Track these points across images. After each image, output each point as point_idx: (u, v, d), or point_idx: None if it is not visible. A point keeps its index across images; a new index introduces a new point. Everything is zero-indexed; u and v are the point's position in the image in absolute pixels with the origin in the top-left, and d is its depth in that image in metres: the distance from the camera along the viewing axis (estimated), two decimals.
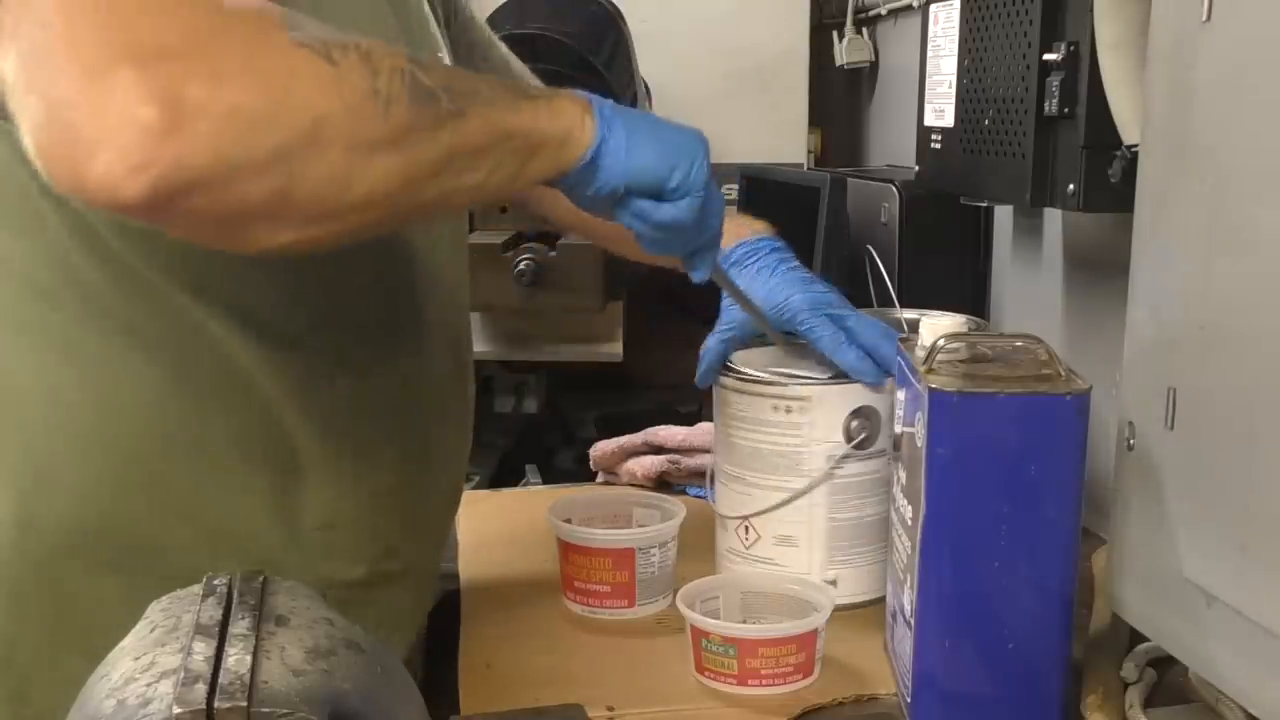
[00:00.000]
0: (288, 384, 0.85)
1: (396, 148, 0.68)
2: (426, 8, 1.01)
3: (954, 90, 1.27)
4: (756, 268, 1.10)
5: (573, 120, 0.79)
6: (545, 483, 1.84)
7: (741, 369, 1.08)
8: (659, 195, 0.82)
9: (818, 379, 1.06)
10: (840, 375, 1.06)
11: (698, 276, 0.92)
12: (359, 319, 0.89)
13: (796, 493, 1.05)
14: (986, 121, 1.20)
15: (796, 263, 1.11)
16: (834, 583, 1.05)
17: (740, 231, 1.15)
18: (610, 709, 0.91)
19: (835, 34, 2.25)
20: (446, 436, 1.00)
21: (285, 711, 0.50)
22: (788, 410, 1.05)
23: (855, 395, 1.05)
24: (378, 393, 0.90)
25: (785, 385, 1.06)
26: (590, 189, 0.81)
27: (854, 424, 1.04)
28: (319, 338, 0.87)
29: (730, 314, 1.10)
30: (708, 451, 1.38)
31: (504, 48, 1.18)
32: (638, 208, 0.83)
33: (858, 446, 1.04)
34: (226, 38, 0.63)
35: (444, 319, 0.97)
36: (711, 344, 1.10)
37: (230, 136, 0.61)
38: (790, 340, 1.10)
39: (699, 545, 1.14)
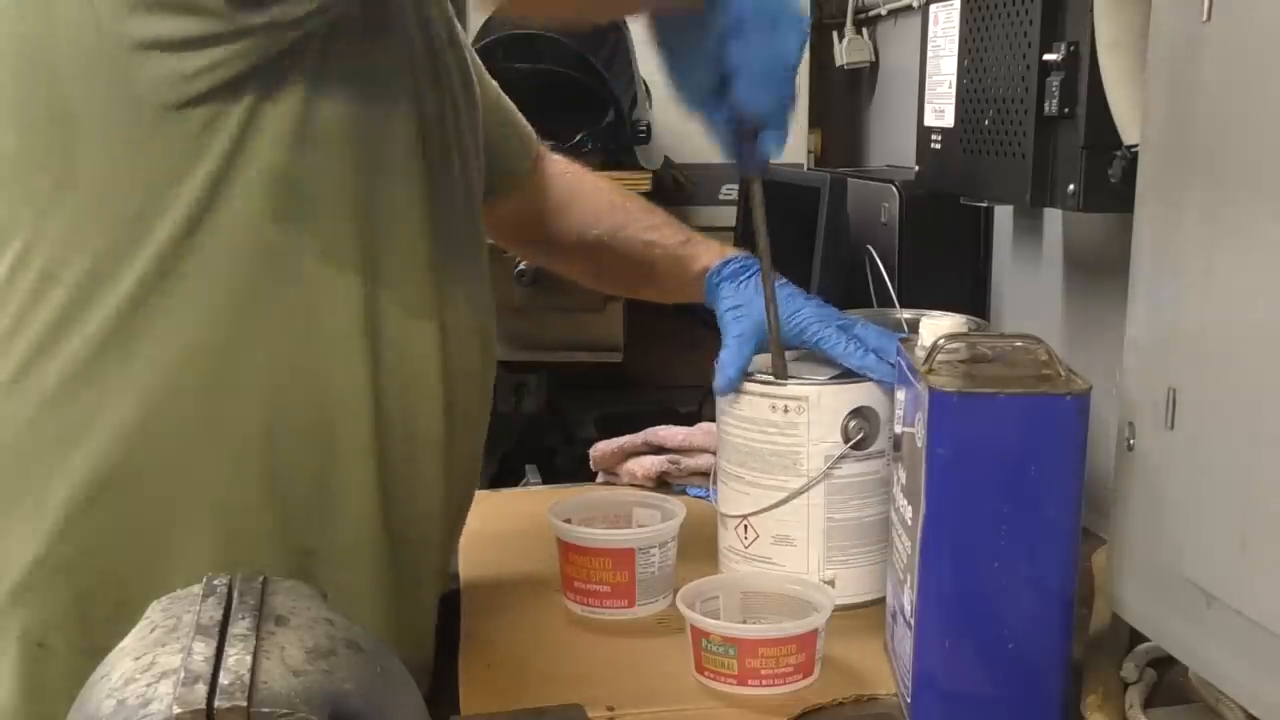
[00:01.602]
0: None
1: None
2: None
3: (954, 90, 1.27)
4: (754, 283, 1.11)
5: None
6: (545, 483, 1.84)
7: (768, 373, 1.09)
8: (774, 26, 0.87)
9: (815, 380, 1.06)
10: (841, 375, 1.06)
11: (760, 159, 0.95)
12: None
13: (794, 492, 1.06)
14: (986, 121, 1.20)
15: (785, 280, 1.12)
16: (832, 583, 1.05)
17: (724, 250, 1.17)
18: (610, 709, 0.91)
19: (835, 34, 2.25)
20: (472, 441, 1.01)
21: (285, 711, 0.50)
22: (785, 410, 1.05)
23: (853, 395, 1.05)
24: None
25: (783, 385, 1.06)
26: None
27: (851, 424, 1.04)
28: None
29: (740, 324, 1.10)
30: (708, 451, 1.38)
31: (484, 72, 1.19)
32: (751, 31, 0.87)
33: (855, 446, 1.04)
34: None
35: (458, 314, 0.97)
36: (731, 352, 1.09)
37: None
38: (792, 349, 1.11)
39: (699, 545, 1.14)
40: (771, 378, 1.06)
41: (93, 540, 0.85)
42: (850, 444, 1.04)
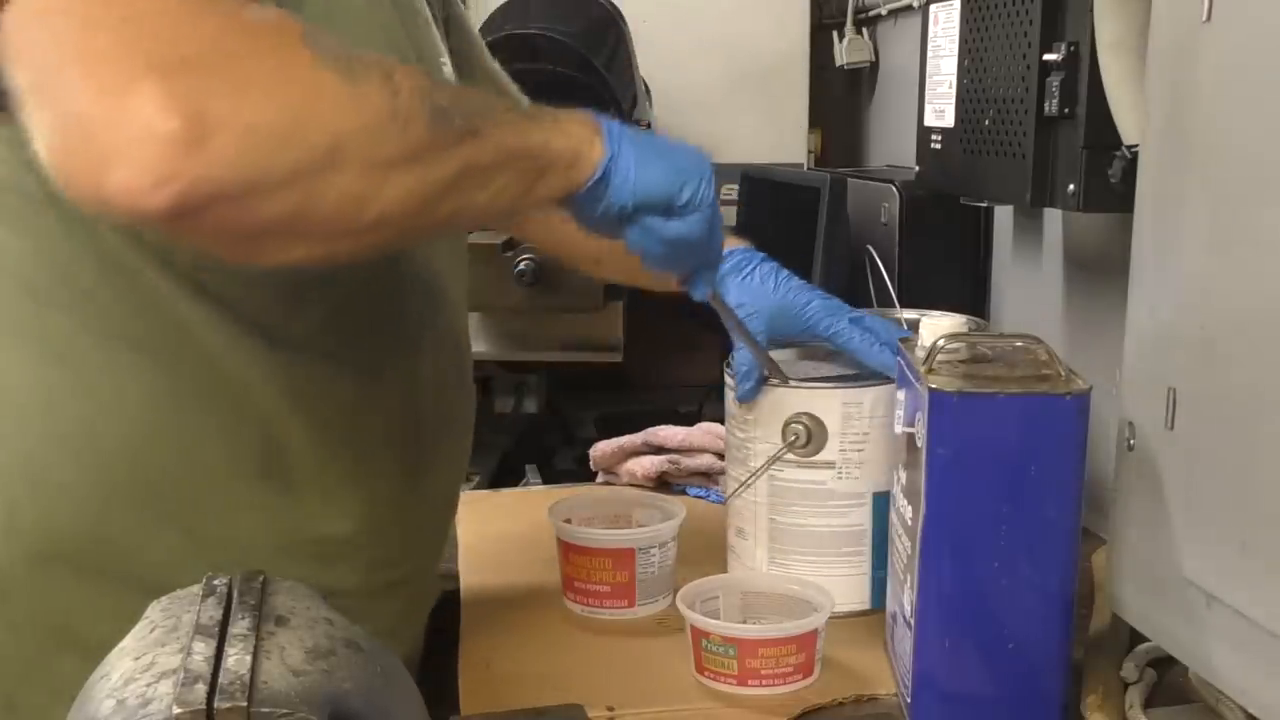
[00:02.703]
0: (284, 391, 0.85)
1: (412, 167, 0.67)
2: (429, 13, 1.00)
3: (954, 90, 1.27)
4: (759, 275, 1.10)
5: (582, 140, 0.79)
6: (545, 483, 1.84)
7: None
8: (668, 212, 0.83)
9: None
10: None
11: (699, 294, 0.93)
12: (357, 325, 0.89)
13: (740, 486, 1.07)
14: (986, 121, 1.20)
15: (788, 272, 1.12)
16: None
17: (727, 241, 1.15)
18: (610, 709, 0.91)
19: (835, 34, 2.25)
20: (446, 444, 0.99)
21: (285, 711, 0.50)
22: (738, 405, 1.07)
23: (794, 400, 1.04)
24: (376, 400, 0.90)
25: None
26: (599, 208, 0.81)
27: (790, 427, 1.03)
28: (316, 344, 0.86)
29: (752, 324, 1.08)
30: (708, 451, 1.38)
31: (493, 60, 1.18)
32: (647, 224, 0.83)
33: (793, 450, 1.04)
34: (249, 52, 0.62)
35: (444, 324, 0.97)
36: (746, 356, 1.06)
37: (251, 153, 0.61)
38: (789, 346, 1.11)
39: (699, 545, 1.14)
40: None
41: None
42: (785, 446, 1.04)
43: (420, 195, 0.68)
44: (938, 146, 1.32)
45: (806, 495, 1.04)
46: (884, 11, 2.10)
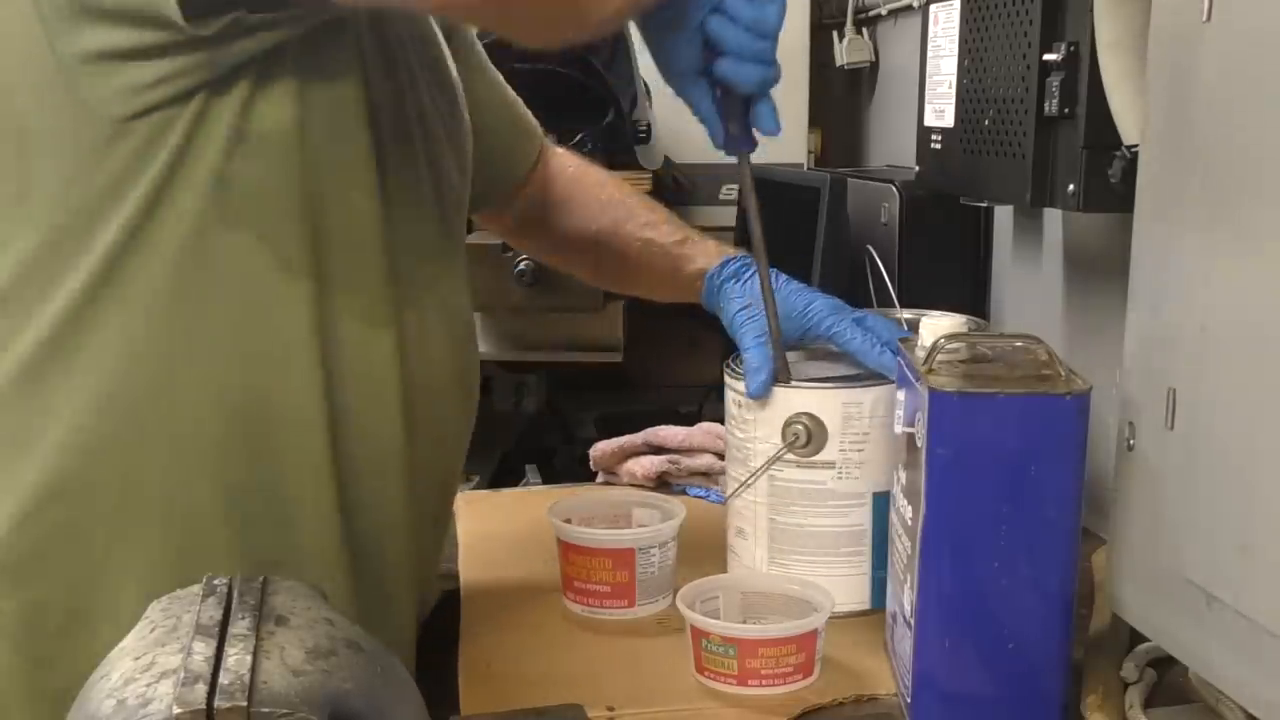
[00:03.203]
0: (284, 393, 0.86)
1: None
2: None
3: (954, 90, 1.27)
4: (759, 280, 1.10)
5: None
6: (545, 483, 1.84)
7: (736, 367, 1.09)
8: None
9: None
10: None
11: (766, 124, 0.98)
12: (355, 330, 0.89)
13: (739, 486, 1.07)
14: (986, 122, 1.20)
15: (787, 275, 1.12)
16: None
17: (722, 250, 1.17)
18: (610, 709, 0.91)
19: (835, 34, 2.25)
20: (443, 452, 0.99)
21: (285, 711, 0.50)
22: (738, 405, 1.07)
23: (794, 400, 1.04)
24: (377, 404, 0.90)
25: (738, 380, 1.06)
26: None
27: (790, 427, 1.03)
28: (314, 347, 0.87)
29: (757, 323, 1.08)
30: (708, 451, 1.38)
31: (496, 73, 1.18)
32: (731, 5, 0.88)
33: (793, 450, 1.03)
34: None
35: (445, 329, 0.97)
36: (757, 355, 1.06)
37: None
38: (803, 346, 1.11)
39: (699, 545, 1.14)
40: (735, 372, 1.07)
41: (42, 548, 0.85)
42: (786, 446, 1.04)
43: None
44: (938, 146, 1.32)
45: (806, 495, 1.04)
46: (884, 11, 2.10)
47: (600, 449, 1.43)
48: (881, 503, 1.01)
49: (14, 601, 0.85)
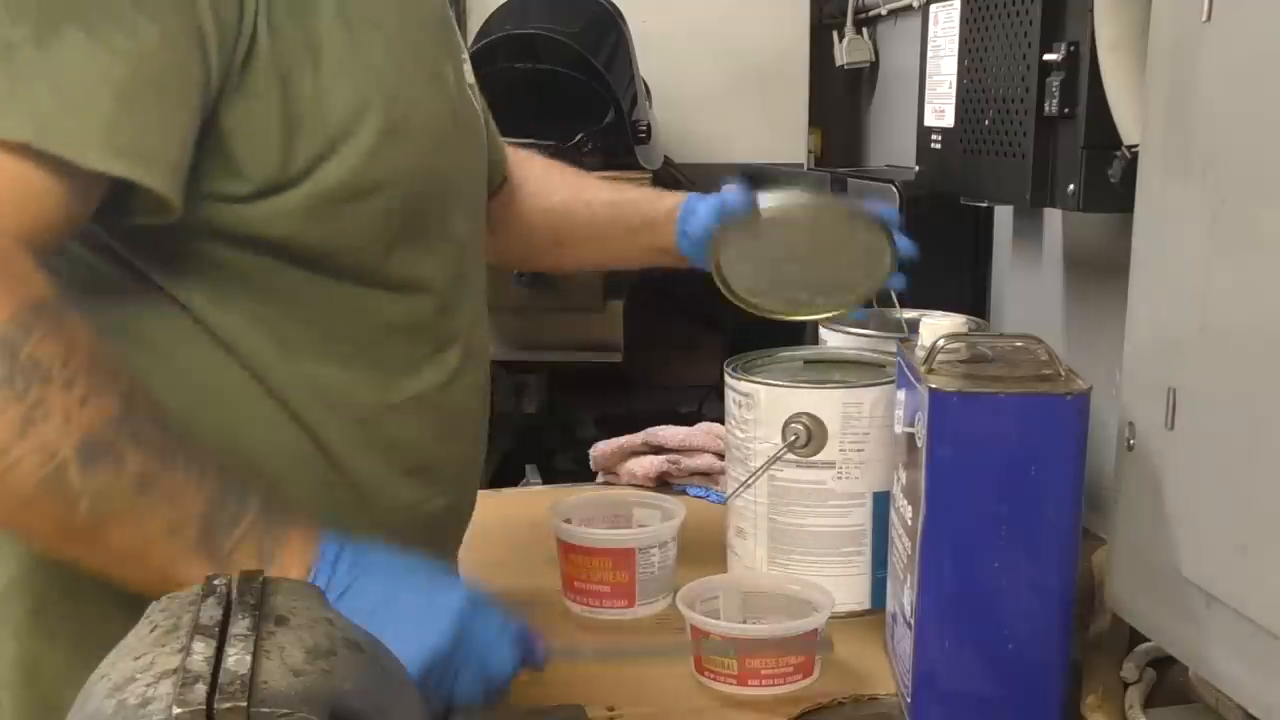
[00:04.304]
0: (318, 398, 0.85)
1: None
2: (451, 18, 1.01)
3: (954, 90, 1.27)
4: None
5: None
6: (545, 483, 1.84)
7: (735, 367, 1.09)
8: None
9: (769, 379, 1.06)
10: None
11: None
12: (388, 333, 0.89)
13: (739, 486, 1.07)
14: (986, 121, 1.20)
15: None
16: None
17: (676, 197, 1.15)
18: (610, 709, 0.91)
19: (835, 34, 2.25)
20: (465, 452, 1.00)
21: (285, 711, 0.50)
22: (738, 405, 1.07)
23: (794, 400, 1.04)
24: (404, 410, 0.90)
25: (738, 380, 1.07)
26: None
27: (791, 427, 1.04)
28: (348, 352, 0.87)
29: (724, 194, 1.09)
30: (708, 451, 1.38)
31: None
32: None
33: (793, 450, 1.04)
34: None
35: (471, 330, 0.97)
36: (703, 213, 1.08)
37: None
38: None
39: (699, 545, 1.14)
40: (735, 372, 1.08)
41: None
42: (786, 446, 1.04)
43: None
44: (938, 146, 1.32)
45: (806, 495, 1.04)
46: (884, 11, 2.10)
47: (600, 449, 1.43)
48: (881, 503, 1.01)
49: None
